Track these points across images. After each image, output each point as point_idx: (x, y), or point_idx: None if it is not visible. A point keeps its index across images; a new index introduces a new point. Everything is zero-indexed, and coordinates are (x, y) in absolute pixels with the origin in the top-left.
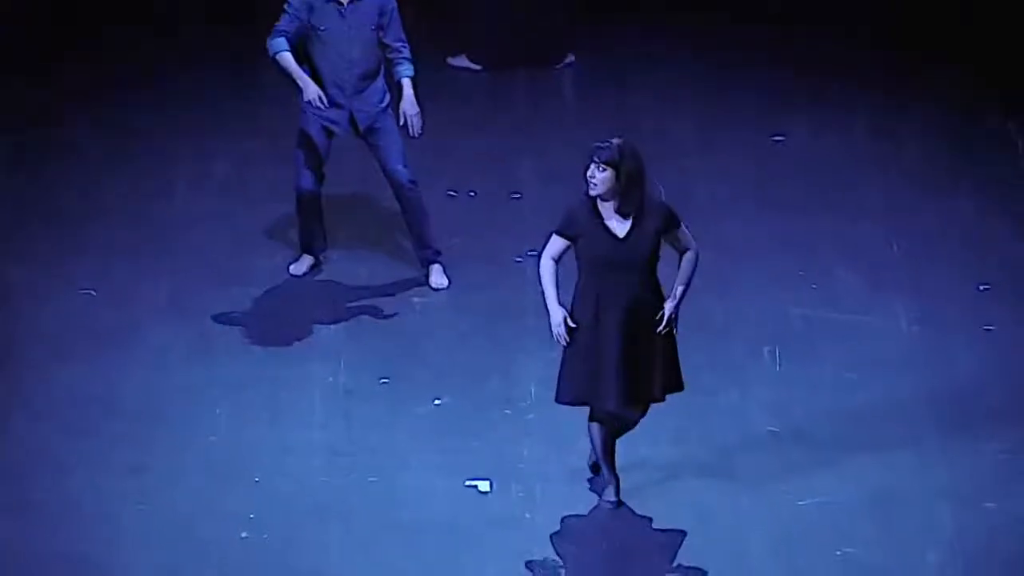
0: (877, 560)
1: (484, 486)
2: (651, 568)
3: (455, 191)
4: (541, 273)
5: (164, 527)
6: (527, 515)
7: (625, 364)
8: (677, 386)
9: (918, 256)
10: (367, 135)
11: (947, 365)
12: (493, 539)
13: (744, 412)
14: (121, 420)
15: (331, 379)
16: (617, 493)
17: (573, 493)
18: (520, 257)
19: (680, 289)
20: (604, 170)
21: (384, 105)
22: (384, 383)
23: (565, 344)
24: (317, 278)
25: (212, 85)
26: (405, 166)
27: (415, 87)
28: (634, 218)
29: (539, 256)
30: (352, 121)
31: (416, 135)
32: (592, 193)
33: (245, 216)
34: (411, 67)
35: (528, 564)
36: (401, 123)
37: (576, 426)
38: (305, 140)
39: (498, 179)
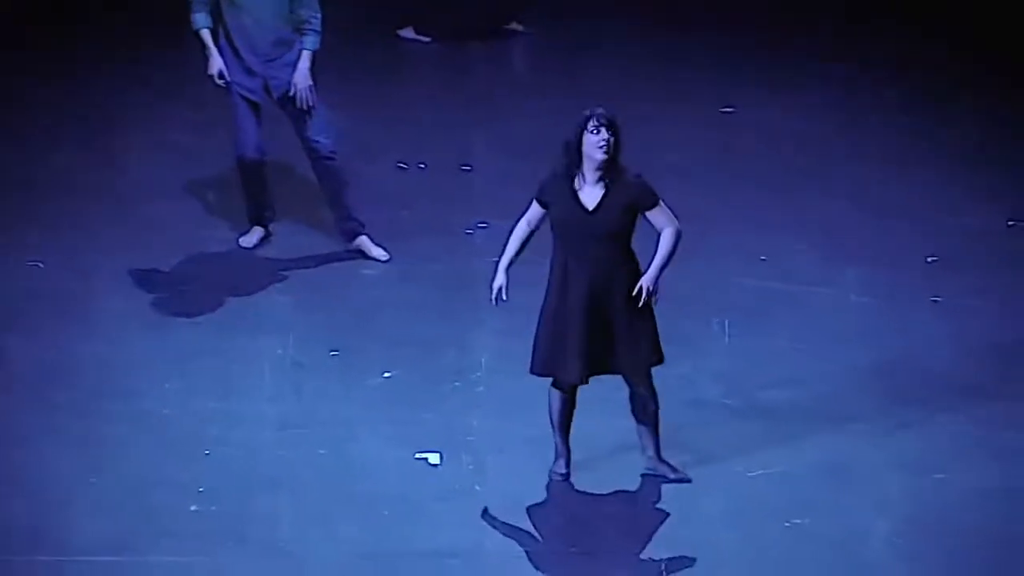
0: (828, 530)
1: (434, 458)
2: (602, 539)
3: (405, 163)
4: (512, 234)
5: (115, 499)
6: (477, 487)
7: (588, 336)
8: (658, 359)
9: (868, 228)
10: (284, 104)
11: (896, 336)
12: (444, 511)
13: (695, 383)
14: (72, 391)
15: (281, 351)
16: (567, 465)
17: (524, 465)
18: (471, 229)
19: (656, 263)
20: (611, 133)
21: (311, 83)
22: (334, 355)
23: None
24: (267, 250)
25: (167, 52)
26: (327, 137)
27: (313, 61)
28: (607, 190)
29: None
30: (267, 89)
31: (304, 107)
32: (604, 156)
33: (196, 187)
34: (315, 39)
35: (479, 535)
36: (291, 93)
37: (526, 398)
38: (236, 111)
39: (448, 151)
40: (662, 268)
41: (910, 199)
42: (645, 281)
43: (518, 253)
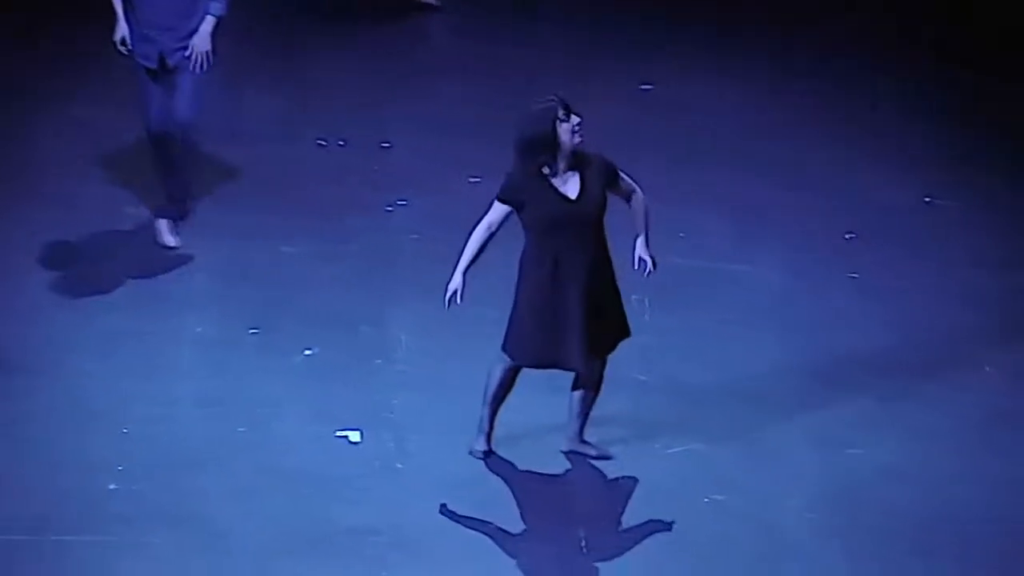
0: (745, 506)
1: (355, 436)
2: (523, 516)
3: (324, 140)
4: (471, 237)
5: (33, 478)
6: (399, 465)
7: (588, 322)
8: (626, 333)
9: (785, 205)
10: (172, 72)
11: (813, 313)
12: (365, 488)
13: (614, 360)
14: None
15: (200, 330)
16: (489, 442)
17: (445, 443)
18: (391, 206)
19: (646, 230)
20: (578, 119)
21: (208, 49)
22: (254, 333)
23: (518, 307)
24: (186, 227)
25: (79, 25)
26: (190, 113)
27: (216, 26)
28: (581, 175)
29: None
30: (162, 58)
31: (198, 71)
32: (580, 139)
33: (113, 163)
34: (221, 6)
35: (400, 513)
36: (188, 54)
37: (447, 376)
38: (140, 81)
39: (368, 128)
40: (649, 232)
41: (828, 176)
42: (648, 251)
43: (476, 257)
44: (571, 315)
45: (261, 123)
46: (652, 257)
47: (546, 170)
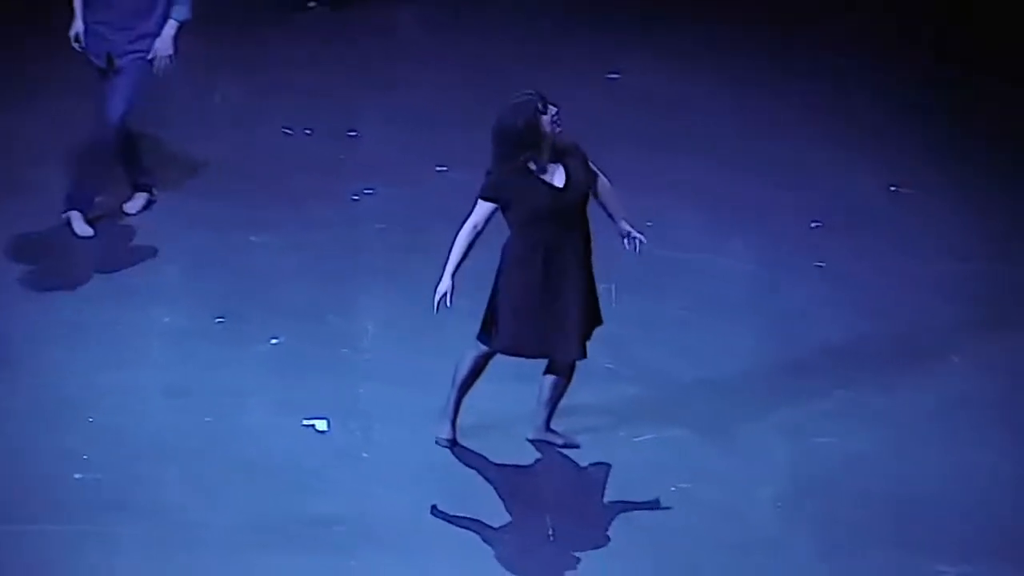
0: (713, 495)
1: (322, 425)
2: (488, 505)
3: (291, 129)
4: (457, 238)
5: (1, 469)
6: (365, 454)
7: (583, 311)
8: (599, 321)
9: (752, 193)
10: (117, 72)
11: (781, 302)
12: (331, 477)
13: None
14: None
15: (168, 319)
16: (454, 430)
17: (411, 432)
18: (357, 195)
19: (622, 210)
20: (555, 109)
21: (143, 50)
22: (221, 323)
23: (510, 302)
24: (153, 217)
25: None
26: (123, 111)
27: (179, 30)
28: (564, 163)
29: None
30: (110, 57)
31: (159, 75)
32: (560, 129)
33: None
34: (184, 10)
35: (366, 502)
36: (150, 57)
37: (413, 365)
38: (97, 76)
39: (334, 117)
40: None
41: (794, 165)
42: (631, 228)
43: (463, 258)
44: (566, 303)
45: (228, 112)
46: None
47: (532, 165)
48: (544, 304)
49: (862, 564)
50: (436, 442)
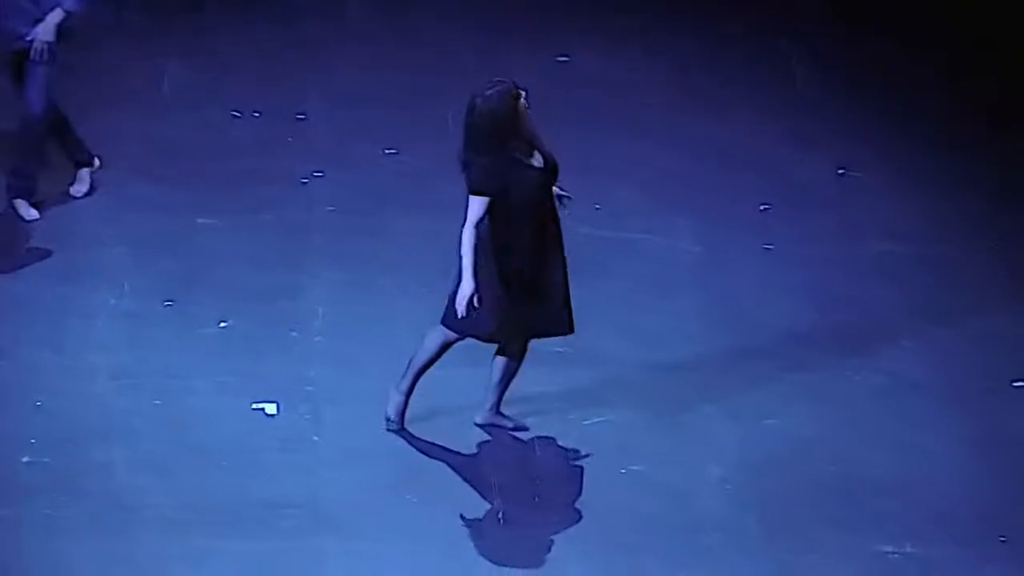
0: (662, 476)
1: (271, 408)
2: (436, 489)
3: (239, 111)
4: (464, 241)
5: None
6: (315, 437)
7: (567, 286)
8: None
9: (700, 176)
10: (24, 58)
11: (729, 284)
12: (281, 461)
13: None
14: None
15: (115, 302)
16: (404, 413)
17: (360, 415)
18: (306, 178)
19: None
20: (524, 92)
21: (50, 40)
22: (169, 306)
23: (501, 292)
24: (100, 199)
25: None
26: (38, 103)
27: (65, 20)
28: (535, 143)
29: (462, 225)
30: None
31: (38, 60)
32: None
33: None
34: (74, 2)
35: (316, 485)
36: (29, 38)
37: (363, 348)
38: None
39: (283, 99)
40: None
41: (743, 148)
42: (563, 192)
43: (476, 256)
44: (554, 280)
45: (176, 94)
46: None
47: (517, 153)
48: (532, 287)
49: (809, 544)
50: (387, 420)
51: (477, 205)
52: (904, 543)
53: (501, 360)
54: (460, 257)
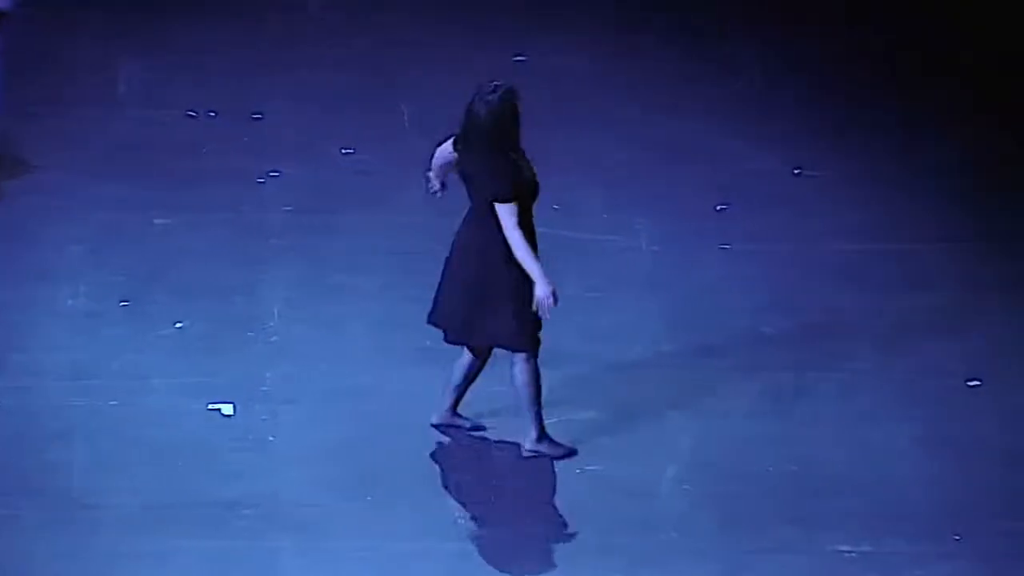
0: (619, 474)
1: (227, 409)
2: (394, 488)
3: (195, 111)
4: (518, 243)
5: None
6: (271, 437)
7: None
8: None
9: (657, 176)
10: None
11: (686, 283)
12: (238, 461)
13: None
14: None
15: (71, 302)
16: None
17: (318, 415)
18: (262, 178)
19: None
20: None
21: None
22: (125, 306)
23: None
24: (56, 198)
25: None
26: None
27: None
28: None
29: (511, 230)
30: None
31: None
32: None
33: None
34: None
35: (274, 486)
36: None
37: (320, 348)
38: None
39: (238, 99)
40: None
41: (700, 147)
42: None
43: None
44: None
45: (131, 93)
46: None
47: (515, 156)
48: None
49: (766, 544)
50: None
51: (512, 211)
52: (861, 542)
53: (465, 361)
54: (518, 261)
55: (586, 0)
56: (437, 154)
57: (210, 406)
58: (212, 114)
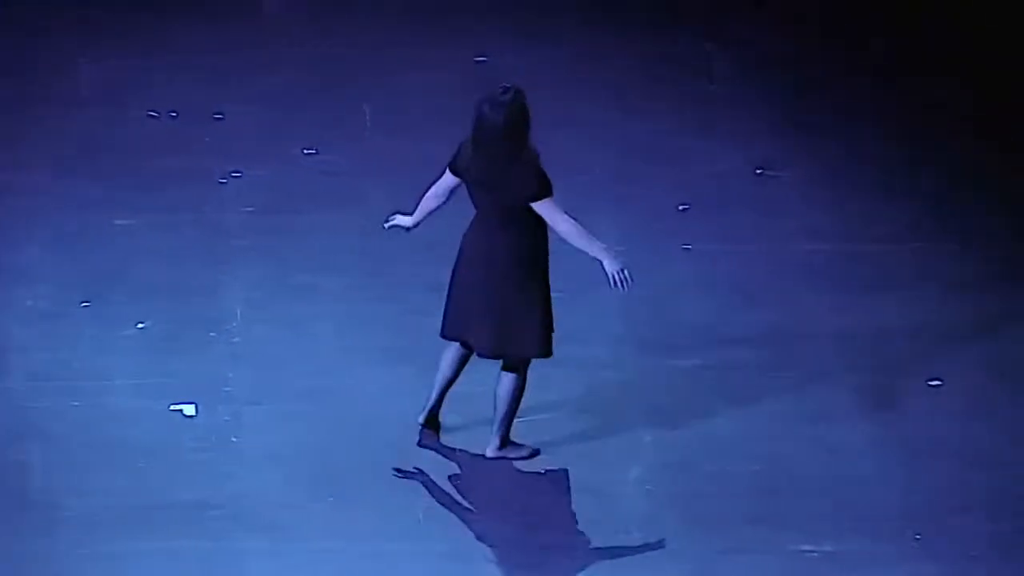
0: (582, 475)
1: (190, 410)
2: (358, 489)
3: (156, 112)
4: (577, 230)
5: None
6: (234, 438)
7: None
8: None
9: (620, 175)
10: None
11: (649, 284)
12: (200, 462)
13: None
14: None
15: (31, 303)
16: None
17: (281, 415)
18: (224, 178)
19: None
20: None
21: None
22: (86, 306)
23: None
24: (16, 198)
25: None
26: None
27: None
28: None
29: (569, 222)
30: None
31: None
32: None
33: None
34: None
35: (237, 487)
36: None
37: (282, 348)
38: None
39: (200, 99)
40: None
41: (662, 147)
42: None
43: None
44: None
45: (92, 93)
46: None
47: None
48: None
49: (728, 543)
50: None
51: (553, 203)
52: (822, 541)
53: (457, 359)
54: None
55: (547, 1)
56: (430, 193)
57: (172, 407)
58: (173, 115)
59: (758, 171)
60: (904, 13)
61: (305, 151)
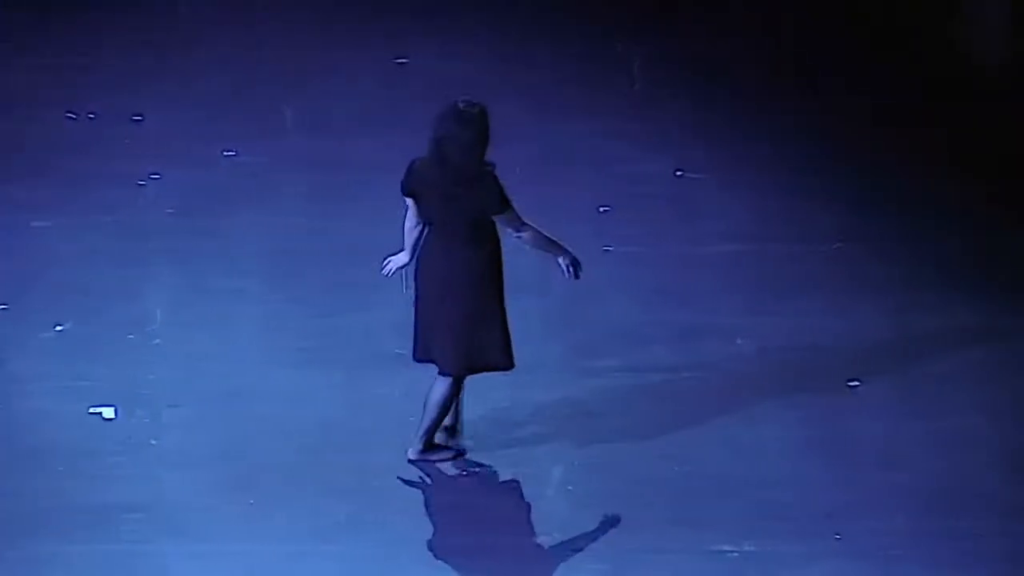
0: (504, 476)
1: (108, 412)
2: (277, 490)
3: (74, 113)
4: (538, 235)
5: None
6: (153, 441)
7: None
8: None
9: (539, 177)
10: None
11: (569, 285)
12: (119, 464)
13: (376, 335)
14: None
15: None
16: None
17: (200, 417)
18: (143, 180)
19: None
20: None
21: None
22: (3, 309)
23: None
24: None
25: None
26: None
27: None
28: None
29: (527, 230)
30: None
31: None
32: None
33: None
34: None
35: (156, 489)
36: None
37: (202, 351)
38: None
39: (118, 100)
40: None
41: (581, 149)
42: None
43: None
44: None
45: (8, 95)
46: None
47: None
48: None
49: (649, 544)
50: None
51: (517, 213)
52: (742, 542)
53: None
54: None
55: (468, 2)
56: (408, 226)
57: (91, 410)
58: (92, 116)
59: (678, 172)
60: (823, 14)
61: (225, 152)
